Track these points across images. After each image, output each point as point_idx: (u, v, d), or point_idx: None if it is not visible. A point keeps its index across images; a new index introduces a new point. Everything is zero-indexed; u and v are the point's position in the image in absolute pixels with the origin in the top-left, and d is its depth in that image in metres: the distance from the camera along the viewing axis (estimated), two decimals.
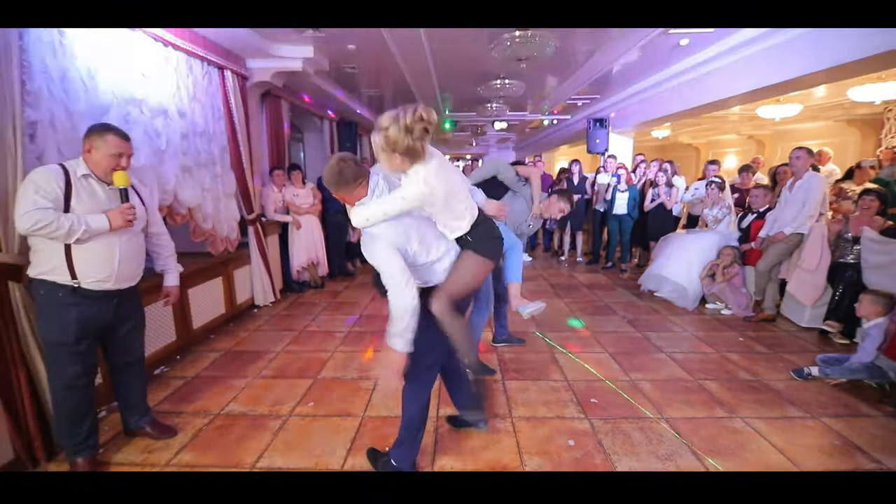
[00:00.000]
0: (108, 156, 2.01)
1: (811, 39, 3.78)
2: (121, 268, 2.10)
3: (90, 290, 2.03)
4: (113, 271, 2.07)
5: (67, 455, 2.14)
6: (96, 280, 2.04)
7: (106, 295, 2.10)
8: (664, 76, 6.15)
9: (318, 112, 7.20)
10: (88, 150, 2.01)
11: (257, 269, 4.69)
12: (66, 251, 1.97)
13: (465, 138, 16.15)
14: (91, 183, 2.03)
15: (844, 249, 3.75)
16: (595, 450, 2.29)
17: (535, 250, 7.95)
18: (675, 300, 4.69)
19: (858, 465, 2.19)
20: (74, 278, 1.99)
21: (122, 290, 2.16)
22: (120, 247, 2.09)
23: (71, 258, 1.97)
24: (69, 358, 2.04)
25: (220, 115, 4.09)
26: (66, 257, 1.97)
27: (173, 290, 2.55)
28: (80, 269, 1.99)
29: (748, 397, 2.81)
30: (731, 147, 11.53)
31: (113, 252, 2.07)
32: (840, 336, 3.66)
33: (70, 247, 1.96)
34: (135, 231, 2.17)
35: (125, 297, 2.20)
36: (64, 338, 2.01)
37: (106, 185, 2.06)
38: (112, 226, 2.00)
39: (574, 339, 3.83)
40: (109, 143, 2.01)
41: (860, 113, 7.93)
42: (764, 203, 4.46)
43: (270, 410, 2.70)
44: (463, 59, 5.55)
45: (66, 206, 1.93)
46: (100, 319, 2.12)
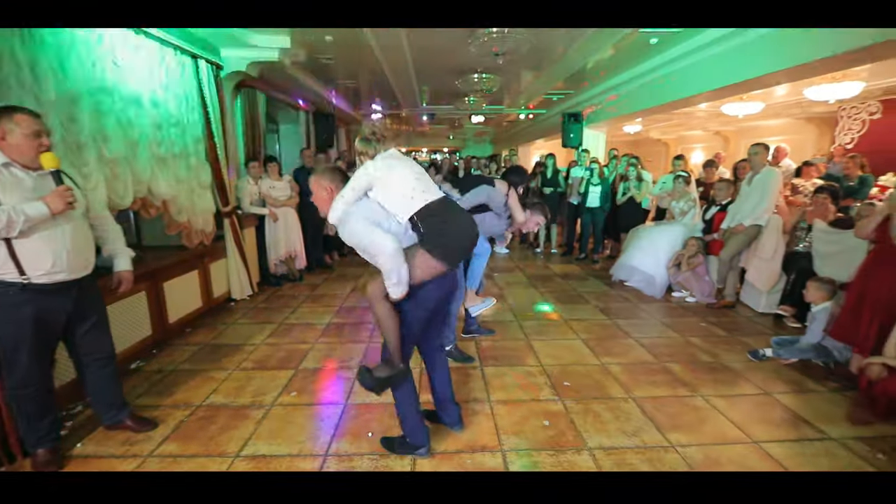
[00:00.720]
0: (25, 137, 1.86)
1: (773, 41, 3.99)
2: (71, 256, 2.00)
3: (43, 285, 1.94)
4: (63, 261, 1.97)
5: (28, 448, 2.10)
6: (47, 272, 1.93)
7: (62, 287, 2.00)
8: (635, 73, 6.35)
9: (294, 103, 7.12)
10: (2, 137, 1.85)
11: (233, 263, 4.64)
12: (8, 246, 1.85)
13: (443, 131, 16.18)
14: (14, 172, 1.88)
15: (798, 240, 4.03)
16: (567, 428, 2.43)
17: (511, 242, 8.11)
18: (644, 289, 4.91)
19: (804, 434, 2.40)
20: (23, 274, 1.88)
21: (80, 281, 2.07)
22: (66, 234, 1.98)
23: (14, 253, 1.86)
24: (26, 357, 1.96)
25: (195, 106, 4.02)
26: (10, 253, 1.86)
27: (126, 275, 2.39)
28: (28, 264, 1.89)
29: (708, 377, 3.02)
30: (699, 142, 11.96)
31: (59, 240, 1.96)
32: (793, 320, 3.93)
33: (10, 241, 1.85)
34: (77, 216, 2.05)
35: (84, 289, 2.11)
36: (20, 337, 1.93)
37: (31, 172, 1.92)
38: (52, 210, 1.87)
39: (550, 326, 3.98)
40: (22, 124, 1.86)
41: (817, 111, 8.35)
42: (726, 196, 4.71)
43: (253, 401, 2.73)
44: (441, 52, 5.60)
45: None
46: (59, 315, 2.04)
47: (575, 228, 7.11)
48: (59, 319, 2.05)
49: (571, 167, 7.22)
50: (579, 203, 6.59)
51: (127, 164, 3.10)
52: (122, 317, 3.09)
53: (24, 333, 1.94)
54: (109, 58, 2.96)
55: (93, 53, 2.81)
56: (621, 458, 2.18)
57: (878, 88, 6.38)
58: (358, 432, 2.40)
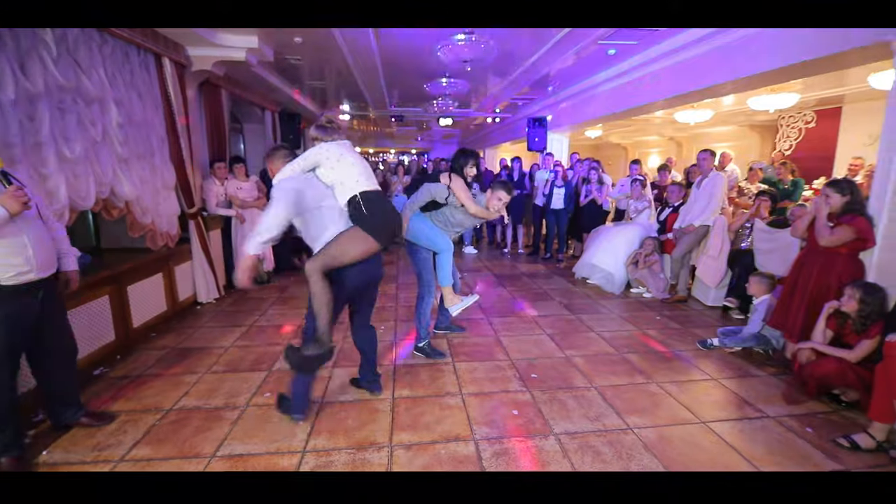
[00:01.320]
0: None
1: (721, 55, 4.33)
2: (37, 255, 2.03)
3: (13, 286, 1.96)
4: (30, 260, 2.00)
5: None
6: (17, 273, 1.96)
7: (30, 288, 2.03)
8: (596, 81, 6.68)
9: (259, 103, 7.00)
10: None
11: (199, 265, 4.56)
12: None
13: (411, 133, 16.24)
14: None
15: (742, 238, 4.39)
16: (535, 416, 2.58)
17: (479, 243, 8.29)
18: (604, 286, 5.18)
19: (745, 414, 2.66)
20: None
21: (45, 280, 2.11)
22: (28, 234, 2.01)
23: None
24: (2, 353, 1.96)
25: (159, 105, 3.94)
26: None
27: (73, 275, 2.41)
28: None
29: (662, 366, 3.26)
30: (655, 147, 12.60)
31: (23, 241, 1.98)
32: (738, 311, 4.28)
33: None
34: (34, 216, 2.07)
35: (48, 289, 2.15)
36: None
37: None
38: (10, 212, 1.87)
39: (517, 322, 4.14)
40: None
41: (759, 119, 9.01)
42: (678, 198, 5.05)
43: (226, 402, 2.73)
44: (410, 55, 5.69)
45: None
46: (28, 316, 2.06)
47: (541, 229, 7.36)
48: (28, 321, 2.06)
49: (535, 170, 7.47)
50: (544, 205, 6.84)
51: (89, 164, 3.02)
52: (85, 322, 3.00)
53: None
54: (71, 56, 2.88)
55: (53, 51, 2.72)
56: (584, 442, 2.35)
57: (812, 99, 6.98)
58: (334, 429, 2.45)
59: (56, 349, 2.27)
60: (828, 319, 2.79)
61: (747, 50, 4.00)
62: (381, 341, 3.68)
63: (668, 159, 7.89)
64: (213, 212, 4.82)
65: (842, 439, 2.37)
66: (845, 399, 2.77)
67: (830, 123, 7.46)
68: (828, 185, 3.01)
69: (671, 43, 4.81)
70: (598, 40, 4.71)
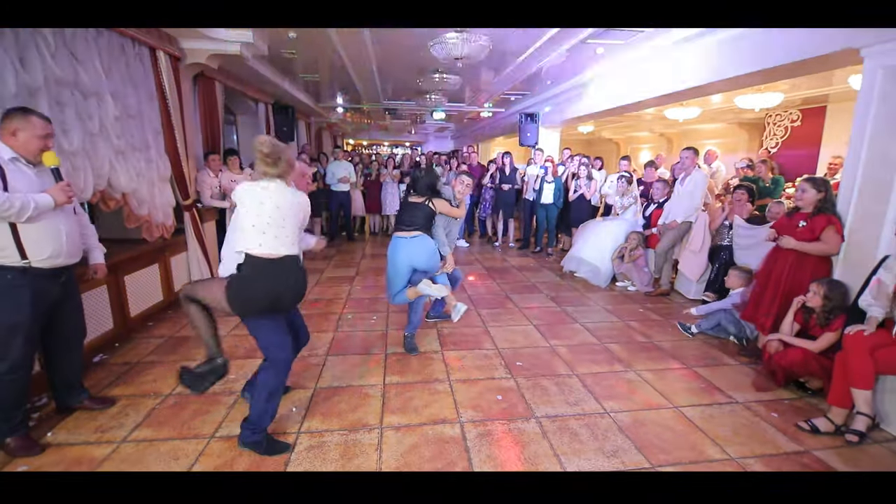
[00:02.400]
0: (35, 137, 2.08)
1: (707, 55, 4.45)
2: (68, 244, 2.22)
3: (41, 269, 2.12)
4: (62, 247, 2.18)
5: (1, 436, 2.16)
6: (48, 258, 2.13)
7: (55, 273, 2.20)
8: (587, 78, 6.78)
9: (253, 95, 7.03)
10: (13, 134, 2.05)
11: (194, 256, 4.64)
12: (14, 232, 2.03)
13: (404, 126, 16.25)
14: (20, 166, 2.08)
15: (722, 234, 4.55)
16: (518, 401, 2.73)
17: (471, 237, 8.41)
18: (591, 279, 5.34)
19: (715, 400, 2.82)
20: (25, 258, 2.06)
21: (70, 268, 2.31)
22: (63, 223, 2.20)
23: (20, 239, 2.04)
24: (21, 340, 2.09)
25: (154, 97, 3.99)
26: (15, 238, 2.03)
27: (100, 266, 2.64)
28: (31, 249, 2.07)
29: (641, 355, 3.42)
30: (646, 143, 12.77)
31: (59, 229, 2.17)
32: None
33: (17, 228, 2.03)
34: (70, 209, 2.28)
35: (69, 275, 2.34)
36: (18, 320, 2.06)
37: (32, 167, 2.13)
38: (57, 202, 2.10)
39: (505, 314, 4.29)
40: (36, 126, 2.09)
41: (747, 117, 9.18)
42: (663, 195, 5.20)
43: (223, 388, 2.84)
44: (403, 51, 5.75)
45: (5, 187, 1.99)
46: (51, 298, 2.21)
47: (531, 223, 7.49)
48: (49, 302, 2.21)
49: (528, 165, 7.58)
50: (534, 199, 6.96)
51: (86, 156, 3.09)
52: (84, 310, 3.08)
53: (23, 317, 2.08)
54: (68, 49, 2.94)
55: (52, 45, 2.78)
56: (563, 424, 2.50)
57: (798, 98, 7.14)
58: (328, 412, 2.58)
59: (69, 331, 2.43)
60: (795, 313, 2.96)
61: (732, 52, 4.12)
62: (373, 331, 3.83)
63: (656, 156, 8.04)
64: (208, 203, 4.89)
65: (803, 423, 2.54)
66: (811, 387, 2.94)
67: (815, 122, 7.64)
68: (805, 181, 3.16)
69: (659, 42, 4.92)
70: (587, 39, 4.81)
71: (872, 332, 2.38)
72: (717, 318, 3.74)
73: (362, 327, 3.90)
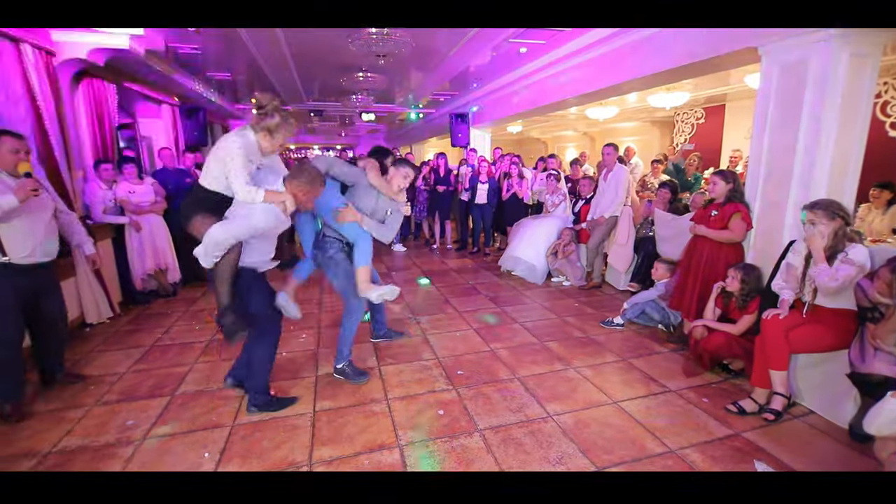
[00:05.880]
0: (8, 153, 2.47)
1: (619, 56, 4.61)
2: (44, 243, 2.61)
3: (19, 265, 2.49)
4: (37, 246, 2.57)
5: None
6: (24, 255, 2.51)
7: (32, 268, 2.56)
8: (513, 78, 6.86)
9: (155, 96, 6.32)
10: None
11: (85, 281, 4.00)
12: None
13: (334, 128, 15.68)
14: (2, 177, 2.46)
15: (646, 227, 4.75)
16: (461, 414, 2.59)
17: (406, 240, 8.21)
18: (528, 277, 5.37)
19: (651, 390, 2.87)
20: (5, 255, 2.44)
21: (45, 264, 2.66)
22: (40, 225, 2.59)
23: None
24: (10, 318, 2.49)
25: (19, 99, 3.38)
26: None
27: (94, 256, 3.12)
28: (10, 247, 2.45)
29: (579, 351, 3.43)
30: (571, 142, 13.32)
31: (35, 230, 2.56)
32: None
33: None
34: (48, 213, 2.66)
35: (47, 271, 2.73)
36: (5, 302, 2.46)
37: (13, 177, 2.48)
38: (19, 198, 2.36)
39: (444, 319, 4.15)
40: (7, 144, 2.47)
41: (659, 116, 9.87)
42: (590, 191, 5.35)
43: (118, 438, 2.42)
44: (322, 49, 5.43)
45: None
46: (30, 289, 2.60)
47: (468, 224, 7.45)
48: (28, 294, 2.59)
49: (461, 166, 7.53)
50: (469, 200, 6.92)
51: None
52: None
53: (8, 302, 2.47)
54: None
55: None
56: (507, 435, 2.39)
57: (702, 97, 7.75)
58: (247, 453, 2.27)
59: (51, 315, 2.79)
60: (716, 298, 3.10)
61: (643, 52, 4.31)
62: (304, 350, 3.51)
63: (581, 154, 8.33)
64: (100, 219, 4.26)
65: (731, 406, 2.64)
66: (733, 368, 3.10)
67: (717, 119, 8.35)
68: (715, 174, 3.34)
69: (577, 43, 5.06)
70: (509, 38, 4.82)
71: (786, 315, 2.52)
72: (641, 306, 3.87)
73: (289, 347, 3.55)
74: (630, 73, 4.55)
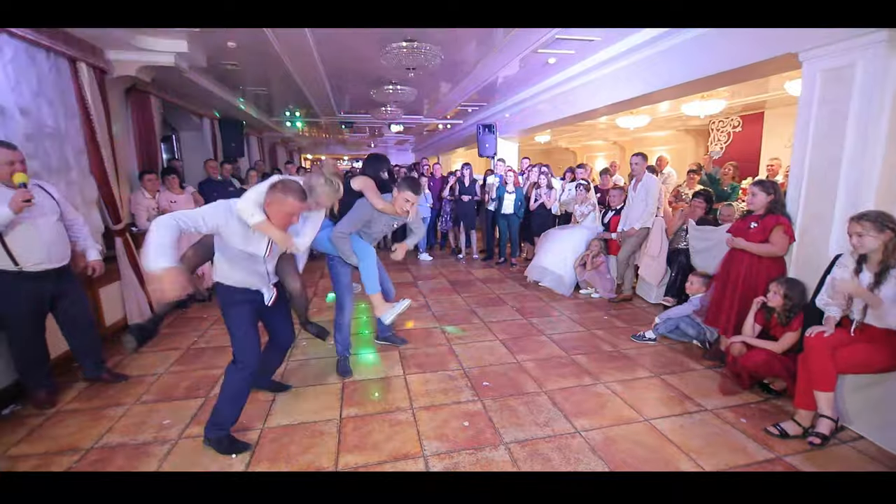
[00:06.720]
0: (4, 164, 2.45)
1: (655, 64, 4.52)
2: (51, 249, 2.66)
3: (31, 272, 2.58)
4: (46, 252, 2.64)
5: (30, 390, 2.77)
6: (36, 262, 2.59)
7: (45, 274, 2.65)
8: (541, 88, 6.84)
9: (196, 109, 6.64)
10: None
11: (130, 285, 4.22)
12: (3, 243, 2.48)
13: (363, 139, 16.02)
14: (1, 189, 2.46)
15: (679, 238, 4.61)
16: (486, 426, 2.56)
17: (432, 249, 8.25)
18: (555, 288, 5.29)
19: (685, 409, 2.76)
20: (16, 264, 2.52)
21: (58, 269, 2.74)
22: (45, 231, 2.64)
23: (8, 248, 2.49)
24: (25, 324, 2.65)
25: (75, 114, 3.62)
26: (4, 248, 2.48)
27: (97, 263, 3.06)
28: (20, 255, 2.53)
29: (609, 365, 3.34)
30: (601, 151, 13.14)
31: (41, 237, 2.61)
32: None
33: (4, 240, 2.48)
34: (53, 219, 2.70)
35: (62, 275, 2.79)
36: (19, 310, 2.60)
37: (10, 188, 2.47)
38: (14, 209, 2.40)
39: (471, 330, 4.13)
40: (2, 156, 2.45)
41: (693, 124, 9.61)
42: (619, 202, 5.24)
43: (155, 436, 2.51)
44: (353, 62, 5.57)
45: None
46: (46, 293, 2.71)
47: (494, 234, 7.43)
48: (46, 297, 2.73)
49: (487, 176, 7.53)
50: (496, 210, 6.90)
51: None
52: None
53: (23, 308, 2.62)
54: None
55: None
56: (534, 449, 2.35)
57: (738, 105, 7.50)
58: (276, 456, 2.31)
59: (73, 317, 2.92)
60: (756, 314, 2.96)
61: (677, 60, 4.22)
62: (329, 357, 3.56)
63: (611, 163, 8.19)
64: (144, 227, 4.48)
65: (772, 428, 2.50)
66: (775, 388, 2.94)
67: (755, 127, 8.05)
68: (754, 185, 3.20)
69: (607, 52, 5.00)
70: (538, 49, 4.81)
71: (832, 333, 2.38)
72: (674, 322, 3.74)
73: (316, 354, 3.61)
74: (662, 82, 4.46)
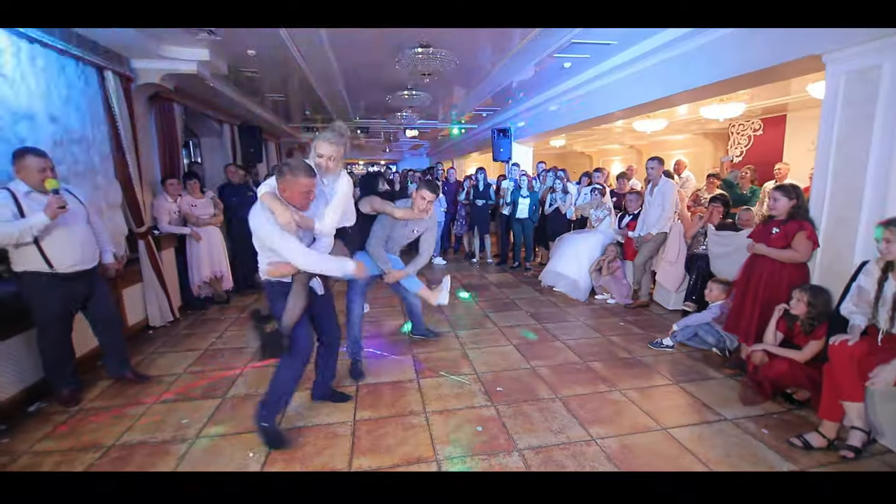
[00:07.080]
0: (34, 172, 2.54)
1: (673, 67, 4.47)
2: (83, 251, 2.78)
3: (66, 274, 2.68)
4: (79, 255, 2.75)
5: (56, 388, 2.85)
6: (70, 265, 2.70)
7: (78, 276, 2.76)
8: (556, 92, 6.81)
9: (216, 116, 6.79)
10: (19, 172, 2.54)
11: (151, 287, 4.32)
12: (38, 246, 2.57)
13: (379, 144, 16.17)
14: (35, 196, 2.56)
15: (698, 243, 4.52)
16: (500, 432, 2.54)
17: (446, 253, 8.25)
18: (570, 293, 5.24)
19: (704, 418, 2.70)
20: (51, 266, 2.62)
21: (90, 270, 2.86)
22: (78, 234, 2.75)
23: (43, 251, 2.59)
24: (56, 323, 2.74)
25: (102, 120, 3.74)
26: (39, 251, 2.58)
27: (108, 265, 3.14)
28: (54, 258, 2.63)
29: (625, 372, 3.29)
30: (617, 155, 12.99)
31: (75, 239, 2.73)
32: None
33: (40, 244, 2.57)
34: (83, 222, 2.81)
35: (92, 277, 2.90)
36: (52, 311, 2.69)
37: (43, 194, 2.56)
38: (49, 215, 2.49)
39: (484, 334, 4.11)
40: (31, 164, 2.53)
41: (712, 128, 9.43)
42: (636, 206, 5.17)
43: (175, 435, 2.56)
44: (370, 67, 5.64)
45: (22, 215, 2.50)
46: (78, 294, 2.82)
47: (508, 238, 7.40)
48: (77, 298, 2.84)
49: (501, 180, 7.52)
50: (510, 214, 6.88)
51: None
52: (15, 357, 2.78)
53: (56, 310, 2.71)
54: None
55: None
56: (548, 456, 2.32)
57: (759, 108, 7.35)
58: (290, 457, 2.34)
59: (102, 317, 3.03)
60: (778, 322, 2.88)
61: (696, 63, 4.16)
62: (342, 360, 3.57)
63: (628, 167, 8.09)
64: (165, 230, 4.60)
65: (795, 439, 2.43)
66: (798, 398, 2.86)
67: (776, 131, 7.87)
68: (776, 189, 3.12)
69: (623, 56, 4.96)
70: (554, 53, 4.80)
71: (857, 341, 2.31)
72: (693, 329, 3.66)
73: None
74: (681, 86, 4.40)
